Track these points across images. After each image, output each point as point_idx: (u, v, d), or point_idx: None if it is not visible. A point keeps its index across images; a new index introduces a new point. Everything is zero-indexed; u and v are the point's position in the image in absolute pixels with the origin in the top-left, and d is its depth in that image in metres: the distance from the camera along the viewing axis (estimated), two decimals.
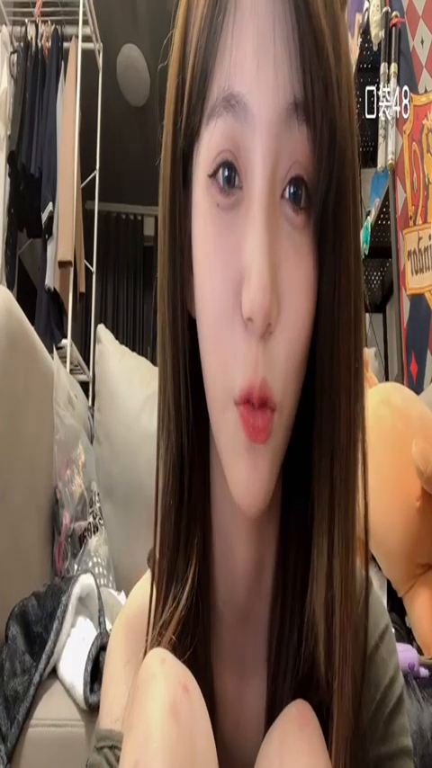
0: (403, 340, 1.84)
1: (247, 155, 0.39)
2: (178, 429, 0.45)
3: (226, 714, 0.48)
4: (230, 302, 0.39)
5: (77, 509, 1.32)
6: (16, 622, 0.95)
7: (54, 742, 0.85)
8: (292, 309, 0.39)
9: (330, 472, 0.41)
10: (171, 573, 0.46)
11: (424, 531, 1.09)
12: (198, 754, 0.38)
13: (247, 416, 0.40)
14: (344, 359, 0.41)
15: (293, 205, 0.39)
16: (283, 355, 0.39)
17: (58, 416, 1.34)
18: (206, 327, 0.41)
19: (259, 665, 0.48)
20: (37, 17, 3.24)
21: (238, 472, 0.41)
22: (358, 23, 2.39)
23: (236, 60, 0.38)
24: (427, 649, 1.05)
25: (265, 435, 0.40)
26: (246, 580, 0.48)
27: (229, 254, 0.40)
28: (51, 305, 3.04)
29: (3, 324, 1.07)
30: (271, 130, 0.38)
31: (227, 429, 0.41)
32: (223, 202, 0.40)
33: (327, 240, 0.40)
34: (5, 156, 3.09)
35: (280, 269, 0.39)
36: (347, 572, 0.41)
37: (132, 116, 4.39)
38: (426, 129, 1.70)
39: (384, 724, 0.46)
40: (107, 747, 0.46)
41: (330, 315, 0.41)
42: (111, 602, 1.09)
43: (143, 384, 1.52)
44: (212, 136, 0.40)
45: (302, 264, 0.40)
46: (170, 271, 0.44)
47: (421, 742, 0.81)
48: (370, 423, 0.43)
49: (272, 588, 0.48)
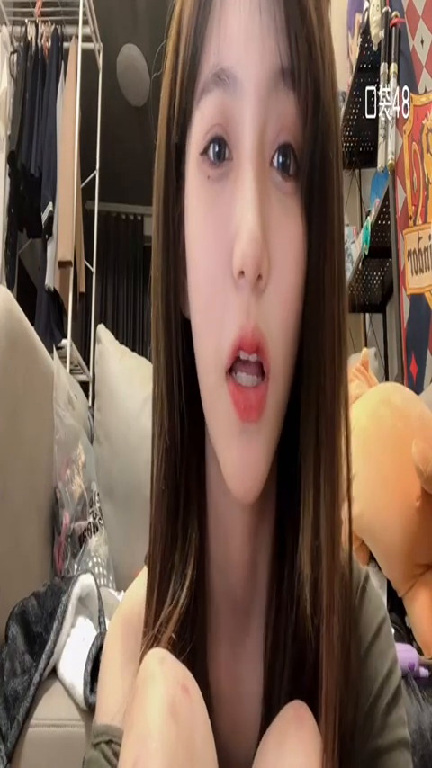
0: (403, 340, 1.84)
1: (236, 125, 0.40)
2: (171, 417, 0.45)
3: (223, 711, 0.48)
4: (222, 266, 0.40)
5: (77, 509, 1.32)
6: (16, 622, 0.95)
7: (54, 742, 0.85)
8: (283, 267, 0.40)
9: (316, 428, 0.42)
10: (167, 567, 0.46)
11: (424, 531, 1.09)
12: (197, 753, 0.38)
13: (238, 394, 0.40)
14: (328, 321, 0.42)
15: (282, 173, 0.40)
16: (276, 311, 0.40)
17: (58, 416, 1.34)
18: (199, 296, 0.42)
19: (256, 660, 0.48)
20: (37, 17, 3.24)
21: (231, 457, 0.41)
22: (358, 23, 2.39)
23: (223, 37, 0.39)
24: (427, 649, 1.05)
25: (258, 413, 0.40)
26: (242, 571, 0.48)
27: (220, 221, 0.40)
28: (51, 305, 3.04)
29: (3, 324, 1.07)
30: (259, 95, 0.39)
31: (219, 410, 0.41)
32: (214, 174, 0.41)
33: (313, 207, 0.41)
34: (5, 156, 3.09)
35: (270, 228, 0.39)
36: (333, 521, 0.42)
37: (132, 116, 4.39)
38: (426, 129, 1.70)
39: (382, 716, 0.46)
40: (104, 742, 0.46)
41: (316, 279, 0.41)
42: (111, 602, 1.09)
43: (143, 384, 1.52)
44: (203, 113, 0.41)
45: (292, 227, 0.41)
46: (164, 265, 0.45)
47: (421, 742, 0.81)
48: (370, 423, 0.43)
49: (268, 578, 0.48)
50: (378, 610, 0.50)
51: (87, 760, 0.46)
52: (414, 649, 1.01)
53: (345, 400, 0.43)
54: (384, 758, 0.45)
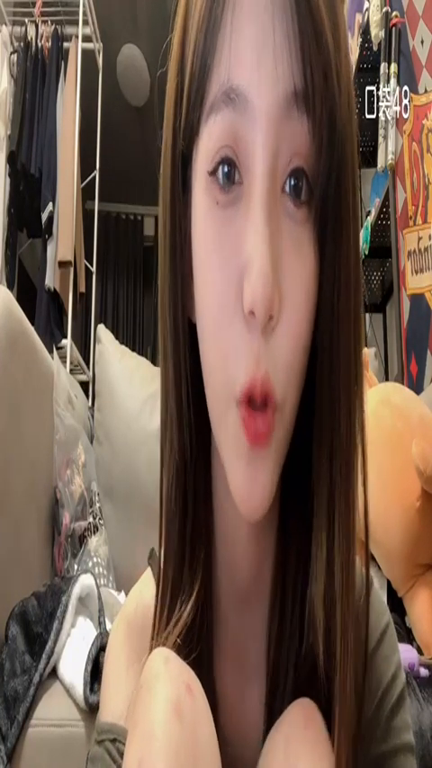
0: (403, 340, 1.84)
1: (247, 148, 0.38)
2: (180, 435, 0.45)
3: (227, 715, 0.48)
4: (232, 298, 0.39)
5: (77, 509, 1.32)
6: (16, 622, 0.95)
7: (54, 742, 0.85)
8: (294, 304, 0.39)
9: (330, 468, 0.41)
10: (177, 582, 0.46)
11: (424, 531, 1.09)
12: (201, 753, 0.38)
13: (249, 419, 0.39)
14: (344, 355, 0.40)
15: (294, 199, 0.39)
16: (286, 350, 0.39)
17: (58, 416, 1.34)
18: (207, 326, 0.41)
19: (261, 665, 0.48)
20: (37, 17, 3.24)
21: (240, 477, 0.41)
22: (358, 23, 2.39)
23: (235, 54, 0.37)
24: (427, 649, 1.05)
25: (267, 439, 0.39)
26: (247, 582, 0.48)
27: (229, 251, 0.39)
28: (51, 305, 3.04)
29: (3, 324, 1.07)
30: (271, 120, 0.37)
31: (228, 432, 0.41)
32: (223, 200, 0.39)
33: (327, 235, 0.40)
34: (5, 156, 3.09)
35: (281, 263, 0.38)
36: (347, 566, 0.41)
37: (132, 116, 4.39)
38: (426, 129, 1.70)
39: (386, 720, 0.46)
40: (108, 740, 0.46)
41: (330, 310, 0.40)
42: (111, 602, 1.09)
43: (143, 384, 1.52)
44: (212, 132, 0.39)
45: (303, 260, 0.39)
46: (171, 275, 0.44)
47: (421, 742, 0.81)
48: (370, 423, 0.42)
49: (271, 589, 0.48)
50: (381, 615, 0.49)
51: (92, 756, 0.46)
52: (414, 649, 1.01)
53: (362, 440, 0.42)
54: (389, 763, 0.45)
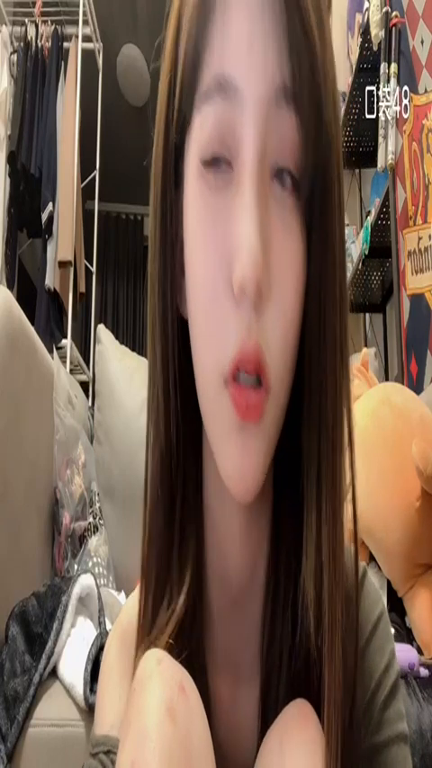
0: (403, 340, 1.84)
1: (237, 136, 0.40)
2: (167, 420, 0.45)
3: (221, 716, 0.47)
4: (222, 279, 0.40)
5: (77, 509, 1.32)
6: (16, 622, 0.95)
7: (54, 742, 0.85)
8: (284, 284, 0.40)
9: (318, 447, 0.42)
10: (164, 574, 0.45)
11: (424, 531, 1.09)
12: (194, 754, 0.38)
13: (239, 396, 0.40)
14: (330, 337, 0.41)
15: (283, 188, 0.40)
16: (277, 329, 0.40)
17: (58, 416, 1.34)
18: (198, 308, 0.41)
19: (254, 665, 0.47)
20: (37, 17, 3.24)
21: (230, 456, 0.41)
22: (358, 23, 2.39)
23: (227, 44, 0.39)
24: (427, 649, 1.05)
25: (258, 414, 0.40)
26: (239, 577, 0.47)
27: (219, 234, 0.40)
28: (51, 305, 3.04)
29: (3, 324, 1.07)
30: (261, 110, 0.39)
31: (218, 413, 0.41)
32: (214, 184, 0.41)
33: (314, 222, 0.41)
34: (5, 156, 3.09)
35: (270, 244, 0.39)
36: (336, 542, 0.41)
37: (132, 116, 4.39)
38: (426, 129, 1.70)
39: (379, 712, 0.46)
40: (103, 753, 0.46)
41: (317, 295, 0.41)
42: (111, 602, 1.09)
43: (143, 384, 1.50)
44: (204, 121, 0.40)
45: (292, 243, 0.40)
46: (161, 264, 0.45)
47: (421, 742, 0.81)
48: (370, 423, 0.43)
49: (264, 584, 0.47)
50: (375, 605, 0.49)
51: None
52: (414, 649, 1.01)
53: (348, 418, 0.42)
54: (383, 754, 0.45)
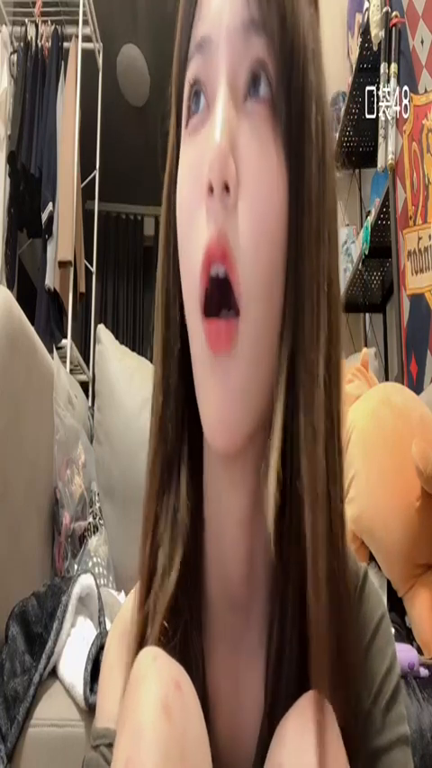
0: (403, 340, 1.84)
1: (212, 73, 0.42)
2: (166, 405, 0.46)
3: (220, 707, 0.47)
4: (197, 195, 0.41)
5: (77, 509, 1.32)
6: (16, 622, 0.95)
7: (54, 742, 0.85)
8: (254, 183, 0.40)
9: (292, 366, 0.41)
10: (156, 542, 0.46)
11: (424, 531, 1.09)
12: (190, 751, 0.38)
13: (210, 325, 0.40)
14: (308, 270, 0.41)
15: (255, 98, 0.41)
16: (247, 226, 0.40)
17: (58, 416, 1.34)
18: (179, 229, 0.43)
19: (257, 660, 0.47)
20: (37, 17, 3.23)
21: (209, 400, 0.41)
22: (358, 23, 2.39)
23: (205, 15, 0.42)
24: (427, 649, 1.05)
25: (228, 342, 0.40)
26: (239, 564, 0.47)
27: (197, 157, 0.42)
28: (51, 305, 3.04)
29: (3, 324, 1.07)
30: (231, 41, 0.41)
31: (198, 352, 0.42)
32: (193, 123, 0.43)
33: (292, 151, 0.41)
34: (5, 156, 3.09)
35: (238, 146, 0.40)
36: (315, 442, 0.40)
37: (132, 116, 4.39)
38: (426, 129, 1.70)
39: (381, 715, 0.45)
40: (104, 745, 0.46)
41: (294, 223, 0.41)
42: (111, 601, 1.09)
43: (143, 384, 1.52)
44: (187, 80, 0.43)
45: (266, 153, 0.41)
46: (166, 265, 0.46)
47: (421, 742, 0.81)
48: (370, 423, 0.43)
49: (266, 575, 0.47)
50: (377, 607, 0.49)
51: (87, 761, 0.46)
52: (414, 649, 1.01)
53: (329, 347, 0.41)
54: (385, 758, 0.44)
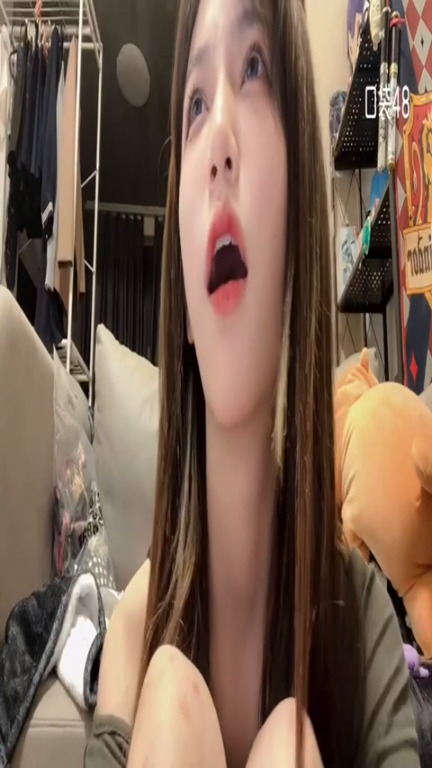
0: (403, 340, 1.84)
1: (210, 76, 0.43)
2: (172, 403, 0.47)
3: (224, 706, 0.47)
4: (200, 190, 0.43)
5: (77, 509, 1.32)
6: (16, 622, 0.95)
7: (54, 742, 0.85)
8: (254, 157, 0.42)
9: (294, 316, 0.42)
10: (169, 552, 0.46)
11: (424, 531, 1.09)
12: (207, 752, 0.38)
13: (217, 294, 0.41)
14: (303, 234, 0.42)
15: (251, 78, 0.43)
16: (249, 196, 0.41)
17: (58, 416, 1.34)
18: (182, 215, 0.45)
19: (258, 652, 0.47)
20: (37, 17, 3.23)
21: (219, 361, 0.41)
22: (358, 23, 2.39)
23: (200, 28, 0.44)
24: (427, 649, 1.05)
25: (235, 300, 0.41)
26: (243, 559, 0.47)
27: (199, 157, 0.43)
28: (51, 305, 3.04)
29: (3, 324, 1.07)
30: (227, 37, 0.43)
31: (204, 325, 0.42)
32: (194, 126, 0.45)
33: (287, 122, 0.44)
34: (5, 156, 3.09)
35: (239, 124, 0.42)
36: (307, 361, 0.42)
37: (132, 116, 4.39)
38: (426, 129, 1.70)
39: (389, 715, 0.45)
40: (107, 733, 0.46)
41: (293, 195, 0.43)
42: (111, 602, 1.09)
43: (143, 384, 1.52)
44: (187, 97, 0.45)
45: (266, 128, 0.43)
46: (167, 279, 0.48)
47: (421, 742, 0.81)
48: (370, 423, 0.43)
49: (268, 569, 0.47)
50: (384, 608, 0.49)
51: (89, 749, 0.46)
52: (414, 649, 1.01)
53: (322, 306, 0.43)
54: (391, 758, 0.44)
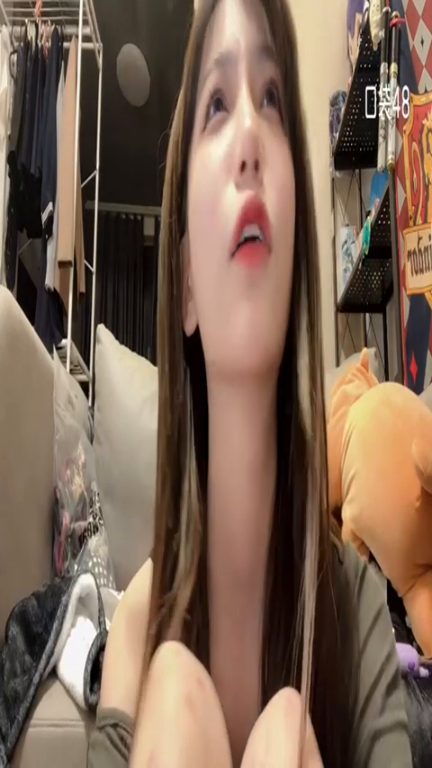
0: (403, 340, 1.84)
1: (232, 84, 0.47)
2: (174, 387, 0.48)
3: (224, 689, 0.48)
4: (223, 177, 0.45)
5: (77, 509, 1.32)
6: (16, 622, 0.95)
7: (54, 742, 0.85)
8: (277, 165, 0.46)
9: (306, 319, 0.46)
10: (172, 545, 0.46)
11: (424, 531, 1.09)
12: (212, 746, 0.39)
13: (245, 251, 0.43)
14: (303, 220, 0.47)
15: (269, 104, 0.48)
16: (273, 195, 0.45)
17: (58, 416, 1.34)
18: (200, 206, 0.46)
19: (258, 638, 0.48)
20: (37, 17, 3.23)
21: (241, 316, 0.43)
22: (358, 23, 2.39)
23: (221, 34, 0.47)
24: (427, 649, 1.05)
25: (264, 260, 0.43)
26: (245, 539, 0.48)
27: (224, 150, 0.46)
28: (51, 305, 3.04)
29: (3, 324, 1.07)
30: (249, 60, 0.47)
31: (225, 287, 0.44)
32: (211, 124, 0.47)
33: (293, 144, 0.48)
34: (5, 156, 3.09)
35: (264, 138, 0.46)
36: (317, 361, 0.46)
37: (132, 116, 4.39)
38: (426, 129, 1.70)
39: (383, 698, 0.47)
40: (109, 725, 0.46)
41: (298, 192, 0.48)
42: (111, 602, 1.09)
43: (143, 384, 1.52)
44: (206, 90, 0.47)
45: (281, 146, 0.47)
46: (168, 268, 0.48)
47: (421, 742, 0.81)
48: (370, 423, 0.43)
49: (267, 552, 0.48)
50: (377, 595, 0.51)
51: (93, 742, 0.47)
52: (414, 649, 1.01)
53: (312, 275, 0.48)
54: (384, 739, 0.46)
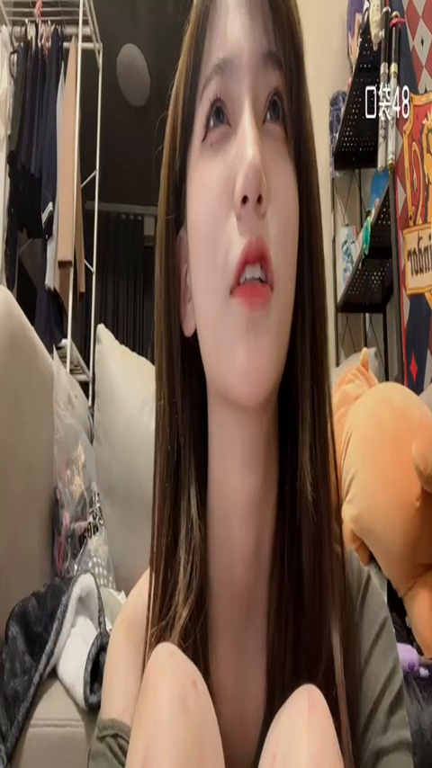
0: (403, 340, 1.84)
1: (234, 95, 0.45)
2: (173, 407, 0.47)
3: (225, 706, 0.48)
4: (224, 202, 0.44)
5: (77, 509, 1.32)
6: (16, 622, 0.95)
7: (54, 742, 0.85)
8: (279, 196, 0.44)
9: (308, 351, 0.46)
10: (171, 560, 0.46)
11: (424, 531, 1.09)
12: (206, 745, 0.39)
13: (246, 290, 0.42)
14: (308, 253, 0.47)
15: (273, 120, 0.46)
16: (275, 228, 0.44)
17: (58, 416, 1.34)
18: (199, 235, 0.45)
19: (260, 654, 0.48)
20: (37, 17, 3.23)
21: (241, 355, 0.42)
22: (358, 23, 2.39)
23: (222, 37, 0.45)
24: (427, 649, 1.05)
25: (265, 302, 0.43)
26: (245, 561, 0.48)
27: (224, 174, 0.44)
28: (51, 305, 3.04)
29: (3, 324, 1.07)
30: (252, 70, 0.45)
31: (226, 324, 0.43)
32: (212, 136, 0.45)
33: (299, 163, 0.47)
34: (5, 156, 3.09)
35: (266, 163, 0.44)
36: (324, 423, 0.47)
37: (132, 116, 4.39)
38: (426, 129, 1.70)
39: (385, 716, 0.46)
40: (110, 736, 0.46)
41: (303, 221, 0.47)
42: (111, 602, 1.09)
43: (143, 384, 1.52)
44: (206, 97, 0.45)
45: (284, 168, 0.46)
46: (165, 268, 0.48)
47: (421, 742, 0.81)
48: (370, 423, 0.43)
49: (269, 568, 0.48)
50: (380, 610, 0.50)
51: (93, 752, 0.47)
52: (414, 649, 1.01)
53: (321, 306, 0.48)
54: (386, 759, 0.45)
